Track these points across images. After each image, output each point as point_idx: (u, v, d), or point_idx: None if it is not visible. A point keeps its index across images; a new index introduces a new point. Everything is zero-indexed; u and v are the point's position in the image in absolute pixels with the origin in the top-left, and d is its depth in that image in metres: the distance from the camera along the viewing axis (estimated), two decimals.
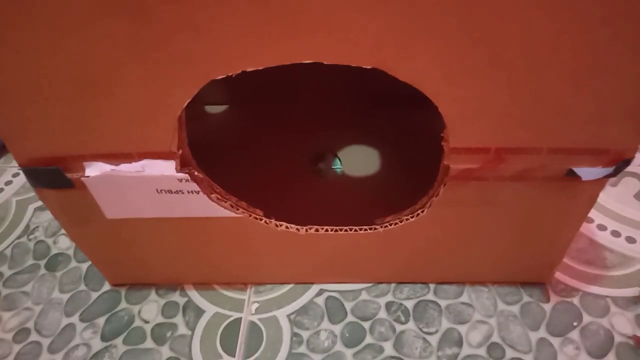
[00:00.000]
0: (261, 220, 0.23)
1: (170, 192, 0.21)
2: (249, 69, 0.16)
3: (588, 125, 0.18)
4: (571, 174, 0.20)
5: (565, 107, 0.17)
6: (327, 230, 0.24)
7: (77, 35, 0.16)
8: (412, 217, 0.23)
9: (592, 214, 0.31)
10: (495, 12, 0.15)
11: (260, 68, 0.16)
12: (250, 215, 0.23)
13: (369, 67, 0.16)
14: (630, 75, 0.16)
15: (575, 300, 0.26)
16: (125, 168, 0.20)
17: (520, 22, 0.15)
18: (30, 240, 0.32)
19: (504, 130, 0.18)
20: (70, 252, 0.31)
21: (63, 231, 0.32)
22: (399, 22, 0.15)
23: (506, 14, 0.15)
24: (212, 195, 0.22)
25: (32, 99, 0.18)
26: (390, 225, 0.23)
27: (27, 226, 0.33)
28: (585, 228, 0.30)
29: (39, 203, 0.34)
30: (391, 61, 0.16)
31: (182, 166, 0.20)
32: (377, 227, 0.24)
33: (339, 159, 0.32)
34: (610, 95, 0.17)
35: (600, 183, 0.20)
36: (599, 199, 0.31)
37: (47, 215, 0.33)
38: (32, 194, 0.35)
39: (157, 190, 0.21)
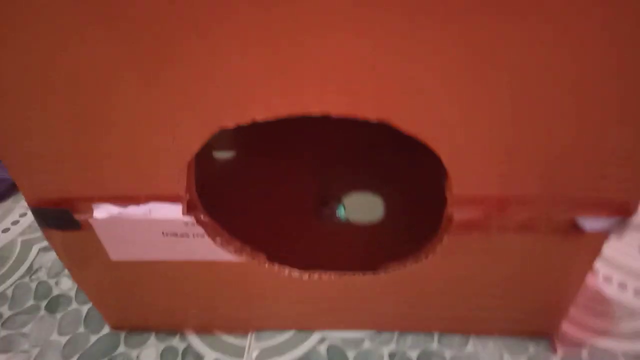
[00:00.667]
0: (264, 265, 0.23)
1: (175, 235, 0.21)
2: (259, 119, 0.17)
3: (589, 176, 0.18)
4: (575, 225, 0.20)
5: (565, 157, 0.18)
6: (330, 275, 0.24)
7: (93, 78, 0.16)
8: (415, 264, 0.23)
9: (598, 265, 0.30)
10: (494, 65, 0.15)
11: (270, 119, 0.17)
12: (254, 260, 0.23)
13: (374, 119, 0.17)
14: (627, 128, 0.17)
15: (584, 354, 0.25)
16: (133, 211, 0.20)
17: (519, 74, 0.15)
18: (32, 280, 0.31)
19: (505, 179, 0.19)
20: (72, 293, 0.30)
21: (66, 272, 0.32)
22: (403, 77, 0.16)
23: (504, 66, 0.15)
24: (217, 239, 0.22)
25: (44, 140, 0.18)
26: (394, 271, 0.23)
27: (31, 266, 0.33)
28: (591, 280, 0.29)
29: (44, 243, 0.34)
30: (395, 115, 0.17)
31: (189, 210, 0.20)
32: (381, 272, 0.23)
33: (343, 205, 0.32)
34: (610, 145, 0.17)
35: (604, 235, 0.20)
36: (603, 250, 0.31)
37: (51, 256, 0.33)
38: (38, 234, 0.35)
39: (162, 233, 0.21)
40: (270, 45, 0.15)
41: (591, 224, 0.19)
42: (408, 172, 0.34)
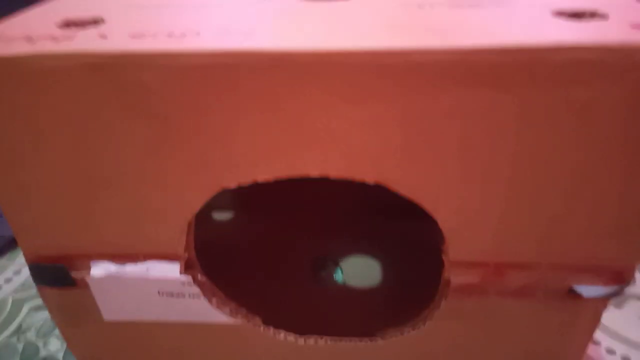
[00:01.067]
0: (260, 327, 0.23)
1: (171, 295, 0.21)
2: (260, 180, 0.17)
3: (584, 243, 0.19)
4: (572, 292, 0.20)
5: (560, 224, 0.18)
6: (326, 340, 0.23)
7: (97, 138, 0.17)
8: (413, 330, 0.22)
9: (600, 336, 0.30)
10: (487, 134, 0.16)
11: (270, 180, 0.17)
12: (249, 322, 0.23)
13: (371, 182, 0.17)
14: (618, 197, 0.17)
15: None
16: (130, 269, 0.20)
17: (511, 143, 0.16)
18: (19, 341, 0.31)
19: (502, 244, 0.19)
20: (60, 355, 0.29)
21: (55, 333, 0.31)
22: (400, 141, 0.16)
23: (497, 136, 0.16)
24: (213, 300, 0.22)
25: (47, 197, 0.18)
26: (392, 337, 0.23)
27: (20, 326, 0.32)
28: (594, 351, 0.29)
29: (36, 302, 0.34)
30: (392, 178, 0.17)
31: (187, 269, 0.20)
32: (378, 339, 0.23)
33: (341, 269, 0.32)
34: (603, 213, 0.18)
35: (602, 302, 0.20)
36: (605, 322, 0.30)
37: (41, 315, 0.32)
38: (30, 292, 0.34)
39: (158, 292, 0.21)
40: (272, 112, 0.16)
41: (588, 291, 0.19)
42: (406, 237, 0.35)
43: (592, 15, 0.16)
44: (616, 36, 0.14)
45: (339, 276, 0.32)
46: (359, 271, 0.32)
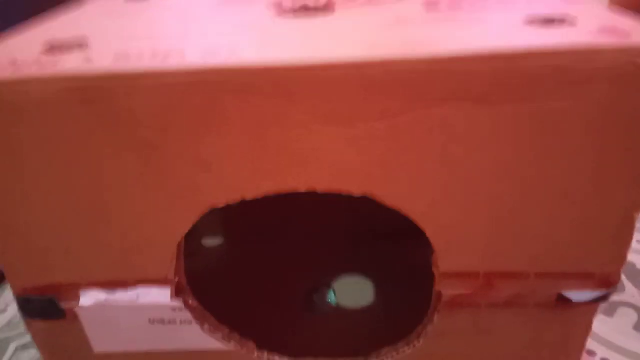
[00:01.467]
0: (253, 353, 0.23)
1: (162, 322, 0.21)
2: (248, 198, 0.18)
3: (569, 251, 0.19)
4: (561, 299, 0.20)
5: (544, 234, 0.18)
6: None
7: (84, 166, 0.17)
8: (408, 348, 0.22)
9: (595, 346, 0.30)
10: (468, 147, 0.16)
11: (258, 197, 0.18)
12: (242, 348, 0.22)
13: (358, 195, 0.18)
14: (601, 204, 0.18)
15: None
16: (120, 297, 0.20)
17: (492, 155, 0.17)
18: None
19: (490, 255, 0.19)
20: None
21: None
22: (384, 155, 0.17)
23: (478, 148, 0.16)
24: (205, 326, 0.21)
25: (36, 228, 0.18)
26: (387, 356, 0.23)
27: None
28: None
29: (22, 341, 0.33)
30: (378, 190, 0.18)
31: (177, 294, 0.20)
32: (373, 359, 0.23)
33: (334, 291, 0.32)
34: (586, 222, 0.18)
35: (592, 308, 0.20)
36: (598, 331, 0.31)
37: (28, 355, 0.32)
38: (17, 332, 0.34)
39: (149, 320, 0.21)
40: (258, 133, 0.16)
41: (577, 296, 0.20)
42: (397, 256, 0.35)
43: (561, 21, 0.17)
44: (583, 40, 0.15)
45: (332, 298, 0.31)
46: (351, 292, 0.32)
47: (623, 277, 0.34)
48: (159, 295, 0.20)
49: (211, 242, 0.37)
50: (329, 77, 0.15)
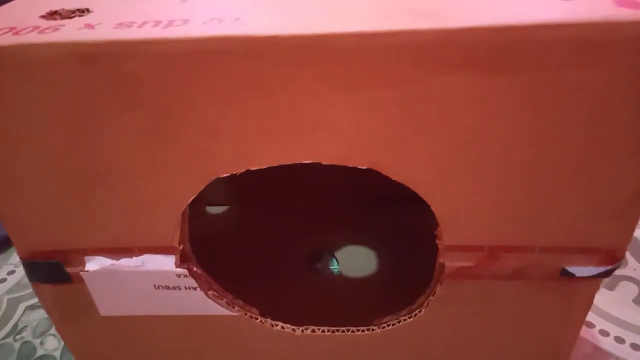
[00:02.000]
0: (257, 319, 0.23)
1: (167, 287, 0.21)
2: (253, 168, 0.17)
3: (577, 225, 0.19)
4: (565, 273, 0.20)
5: (553, 208, 0.18)
6: (323, 330, 0.23)
7: (88, 130, 0.17)
8: (410, 318, 0.22)
9: (594, 319, 0.30)
10: (481, 117, 0.16)
11: (263, 167, 0.17)
12: (246, 314, 0.23)
13: (364, 167, 0.17)
14: (613, 178, 0.17)
15: None
16: (125, 263, 0.20)
17: (505, 126, 0.16)
18: (16, 340, 0.30)
19: (496, 228, 0.19)
20: (57, 353, 0.29)
21: (52, 331, 0.31)
22: (393, 125, 0.16)
23: (491, 118, 0.16)
24: (209, 292, 0.22)
25: (41, 192, 0.18)
26: (388, 326, 0.23)
27: (16, 325, 0.32)
28: (588, 333, 0.29)
29: (31, 301, 0.33)
30: (385, 162, 0.17)
31: (182, 261, 0.20)
32: (374, 328, 0.23)
33: (336, 259, 0.32)
34: (596, 196, 0.18)
35: (595, 283, 0.20)
36: (598, 304, 0.31)
37: (37, 315, 0.32)
38: (25, 292, 0.34)
39: (154, 286, 0.21)
40: (264, 100, 0.16)
41: (581, 271, 0.20)
42: (401, 226, 0.35)
43: None
44: (601, 13, 0.14)
45: (334, 267, 0.32)
46: (354, 261, 0.32)
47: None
48: (164, 262, 0.20)
49: (215, 208, 0.37)
50: (338, 45, 0.15)
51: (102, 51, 0.15)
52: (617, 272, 0.33)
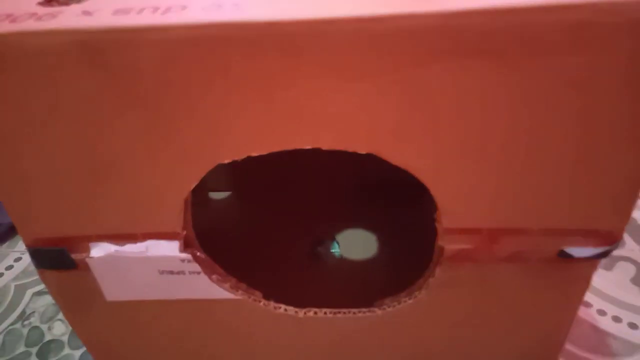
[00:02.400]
0: (260, 302, 0.23)
1: (172, 272, 0.22)
2: (254, 154, 0.18)
3: (576, 208, 0.19)
4: (563, 255, 0.20)
5: (552, 191, 0.18)
6: (325, 313, 0.24)
7: (90, 120, 0.17)
8: (409, 300, 0.23)
9: (591, 298, 0.30)
10: (480, 103, 0.16)
11: (264, 153, 0.18)
12: (249, 297, 0.23)
13: (364, 152, 0.17)
14: (611, 162, 0.17)
15: None
16: (130, 249, 0.21)
17: (504, 111, 0.16)
18: (24, 326, 0.31)
19: (494, 211, 0.19)
20: (65, 338, 0.30)
21: (59, 317, 0.31)
22: (393, 111, 0.16)
23: (490, 104, 0.16)
24: (213, 277, 0.22)
25: (44, 181, 0.19)
26: (389, 307, 0.23)
27: (23, 312, 0.32)
28: (585, 313, 0.30)
29: (38, 288, 0.34)
30: (385, 147, 0.17)
31: (186, 247, 0.21)
32: (375, 310, 0.24)
33: (337, 243, 0.33)
34: (594, 179, 0.18)
35: (592, 264, 0.21)
36: (595, 284, 0.31)
37: (44, 300, 0.33)
38: (32, 278, 0.35)
39: (159, 271, 0.21)
40: (264, 88, 0.16)
41: (579, 252, 0.20)
42: (401, 210, 0.35)
43: None
44: None
45: (336, 250, 0.32)
46: (355, 244, 0.32)
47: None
48: (168, 248, 0.20)
49: (218, 194, 0.37)
50: (337, 31, 0.15)
51: (101, 40, 0.15)
52: (615, 252, 0.33)
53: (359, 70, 0.16)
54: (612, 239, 0.20)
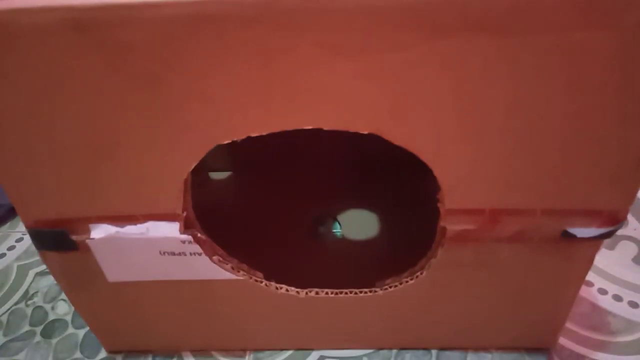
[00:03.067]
0: (261, 282, 0.23)
1: (172, 254, 0.22)
2: (253, 135, 0.17)
3: (579, 188, 0.19)
4: (566, 235, 0.20)
5: (555, 171, 0.18)
6: (327, 293, 0.24)
7: (87, 100, 0.17)
8: (411, 280, 0.23)
9: (592, 277, 0.31)
10: (481, 81, 0.16)
11: (264, 133, 0.17)
12: (251, 278, 0.23)
13: (365, 132, 0.17)
14: (615, 141, 0.17)
15: None
16: (130, 230, 0.21)
17: (506, 89, 0.16)
18: (28, 306, 0.31)
19: (497, 192, 0.19)
20: (68, 318, 0.30)
21: (62, 296, 0.32)
22: (394, 90, 0.16)
23: (492, 82, 0.16)
24: (214, 257, 0.22)
25: (43, 163, 0.18)
26: (390, 287, 0.23)
27: (27, 292, 0.32)
28: (586, 292, 0.30)
29: (40, 268, 0.34)
30: (386, 127, 0.17)
31: (186, 228, 0.21)
32: (376, 290, 0.24)
33: (339, 223, 0.33)
34: (597, 160, 0.18)
35: (595, 244, 0.21)
36: (597, 263, 0.31)
37: (47, 281, 0.33)
38: (34, 259, 0.35)
39: (160, 252, 0.21)
40: (262, 65, 0.16)
41: (582, 232, 0.20)
42: (403, 189, 0.35)
43: None
44: None
45: (337, 230, 0.32)
46: (357, 224, 0.32)
47: None
48: (168, 229, 0.20)
49: (219, 174, 0.37)
50: (338, 7, 0.14)
51: (94, 17, 0.15)
52: (618, 231, 0.33)
53: (359, 47, 0.15)
54: (616, 220, 0.20)
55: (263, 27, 0.15)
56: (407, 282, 0.23)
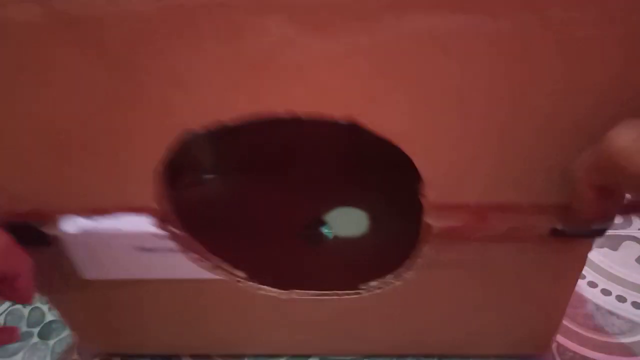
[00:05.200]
0: (241, 282, 0.22)
1: (148, 250, 0.21)
2: (225, 121, 0.16)
3: (567, 183, 0.18)
4: (556, 232, 0.19)
5: (539, 163, 0.17)
6: (309, 295, 0.23)
7: (58, 86, 0.16)
8: (397, 281, 0.22)
9: (595, 278, 0.29)
10: (459, 62, 0.15)
11: (236, 120, 0.16)
12: (230, 278, 0.22)
13: (341, 119, 0.16)
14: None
15: None
16: (102, 224, 0.20)
17: (486, 72, 0.15)
18: (25, 306, 0.31)
19: (481, 185, 0.18)
20: None
21: None
22: (367, 74, 0.15)
23: (471, 64, 0.15)
24: (190, 255, 0.21)
25: (9, 151, 0.18)
26: (375, 289, 0.22)
27: None
28: (589, 293, 0.28)
29: None
30: (363, 114, 0.16)
31: (161, 223, 0.20)
32: (361, 292, 0.23)
33: (328, 222, 0.32)
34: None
35: (587, 242, 0.19)
36: (601, 263, 0.30)
37: None
38: None
39: (135, 247, 0.21)
40: (233, 47, 0.15)
41: (572, 230, 0.19)
42: (392, 188, 0.34)
43: None
44: None
45: (326, 230, 0.31)
46: (346, 222, 0.31)
47: None
48: (141, 223, 0.20)
49: (207, 175, 0.36)
50: None
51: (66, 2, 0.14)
52: (621, 231, 0.32)
53: (330, 26, 0.14)
54: (606, 217, 0.18)
55: (232, 8, 0.14)
56: (392, 283, 0.22)
